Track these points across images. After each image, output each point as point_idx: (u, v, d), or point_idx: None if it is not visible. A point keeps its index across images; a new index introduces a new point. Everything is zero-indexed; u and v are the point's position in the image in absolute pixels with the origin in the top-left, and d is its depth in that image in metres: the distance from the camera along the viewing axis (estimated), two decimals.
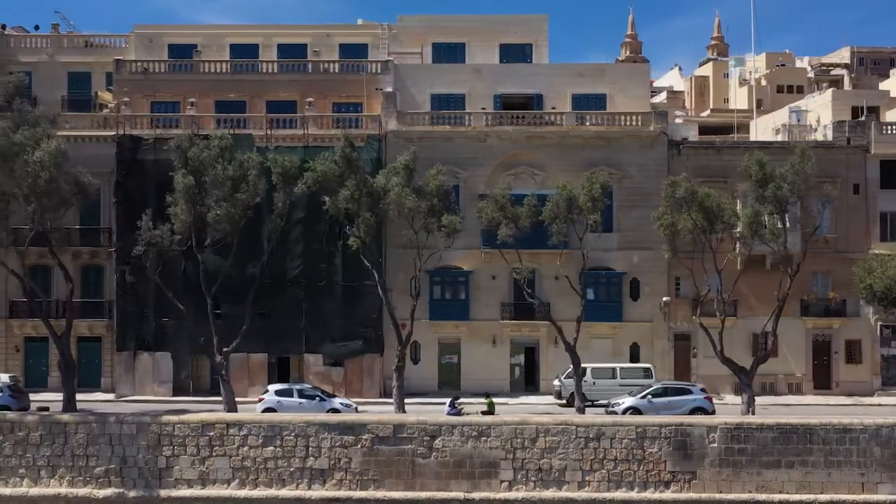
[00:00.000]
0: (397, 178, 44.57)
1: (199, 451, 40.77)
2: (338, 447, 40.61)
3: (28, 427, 41.16)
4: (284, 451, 40.65)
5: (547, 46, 60.34)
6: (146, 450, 40.83)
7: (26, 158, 41.78)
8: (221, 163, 44.37)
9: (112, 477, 40.71)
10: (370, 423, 41.00)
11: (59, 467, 40.84)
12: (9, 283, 54.87)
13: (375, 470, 40.47)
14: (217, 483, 40.59)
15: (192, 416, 41.71)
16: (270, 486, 40.51)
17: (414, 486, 40.36)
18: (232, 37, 60.74)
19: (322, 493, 40.32)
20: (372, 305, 53.27)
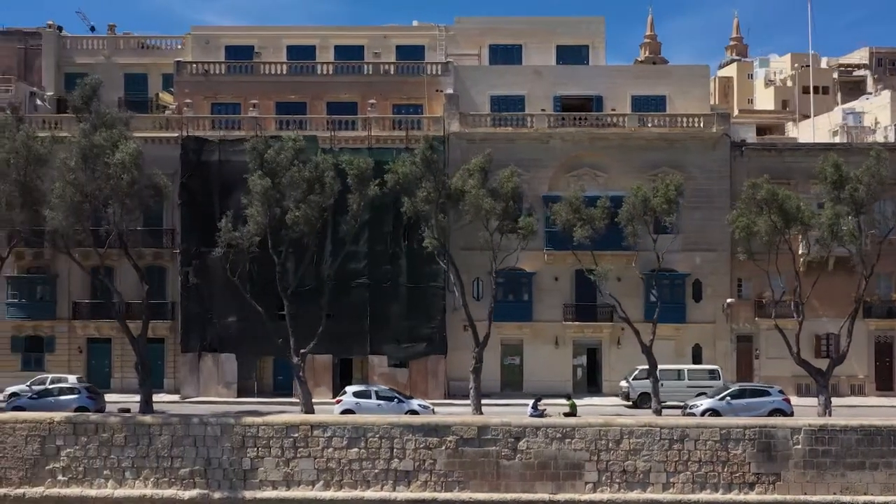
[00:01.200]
0: (473, 180, 44.62)
1: (283, 453, 40.86)
2: (422, 449, 40.69)
3: (112, 428, 41.26)
4: (369, 452, 40.74)
5: (603, 48, 60.45)
6: (230, 451, 40.91)
7: (107, 160, 41.83)
8: (297, 164, 44.43)
9: (197, 478, 40.80)
10: (454, 424, 41.07)
11: (144, 468, 40.93)
12: (71, 285, 55.23)
13: (460, 471, 40.55)
14: (302, 484, 40.69)
15: (277, 418, 41.81)
16: (355, 488, 40.59)
17: (499, 487, 40.45)
18: (289, 38, 60.81)
19: (407, 495, 40.39)
20: (436, 307, 53.49)
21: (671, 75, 58.41)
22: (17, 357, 54.83)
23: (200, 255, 53.32)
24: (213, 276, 53.26)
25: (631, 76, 58.02)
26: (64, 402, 44.48)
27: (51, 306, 54.69)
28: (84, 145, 41.54)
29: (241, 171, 52.32)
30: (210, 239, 52.79)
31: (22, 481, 40.85)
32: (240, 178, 52.17)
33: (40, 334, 54.97)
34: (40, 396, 45.07)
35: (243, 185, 52.05)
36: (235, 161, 53.05)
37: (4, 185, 41.83)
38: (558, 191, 53.70)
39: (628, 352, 54.08)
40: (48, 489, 40.79)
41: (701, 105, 56.95)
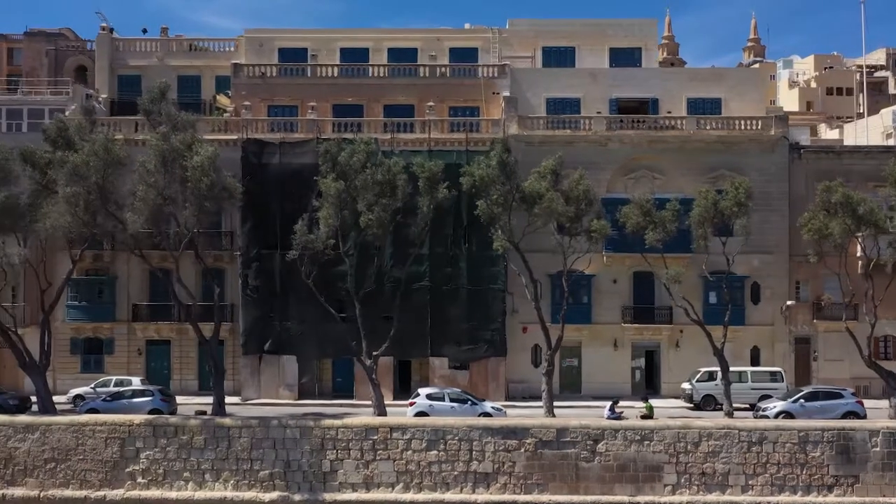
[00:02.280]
0: (545, 183, 44.75)
1: (362, 455, 41.02)
2: (501, 451, 40.82)
3: (192, 431, 41.39)
4: (448, 454, 40.86)
5: (656, 50, 60.56)
6: (310, 453, 41.05)
7: (184, 163, 41.95)
8: (370, 167, 44.56)
9: (276, 480, 40.93)
10: (533, 426, 41.21)
11: (224, 471, 41.06)
12: (130, 287, 55.34)
13: (539, 474, 40.69)
14: (381, 487, 40.82)
15: (356, 420, 41.95)
16: (434, 490, 40.71)
17: (578, 489, 40.59)
18: (342, 41, 60.92)
19: (487, 497, 40.51)
20: (496, 309, 53.60)
21: (726, 78, 58.55)
22: (77, 359, 54.91)
23: (261, 258, 53.52)
24: (273, 279, 53.50)
25: (686, 79, 58.18)
26: (137, 404, 44.68)
27: (110, 308, 54.82)
28: (162, 148, 41.57)
29: (302, 174, 52.81)
30: (271, 241, 53.35)
31: (102, 484, 40.99)
32: (300, 181, 52.66)
33: (100, 336, 55.07)
34: (114, 399, 45.17)
35: (304, 187, 52.46)
36: (296, 163, 53.34)
37: (83, 187, 41.82)
38: (615, 193, 53.86)
39: (687, 354, 54.39)
40: (128, 492, 40.92)
41: (756, 108, 57.08)
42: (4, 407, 44.29)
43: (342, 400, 52.74)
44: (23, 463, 41.15)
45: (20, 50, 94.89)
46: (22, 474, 41.09)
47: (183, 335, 55.06)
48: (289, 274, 53.01)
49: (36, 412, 44.87)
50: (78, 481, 40.99)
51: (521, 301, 54.78)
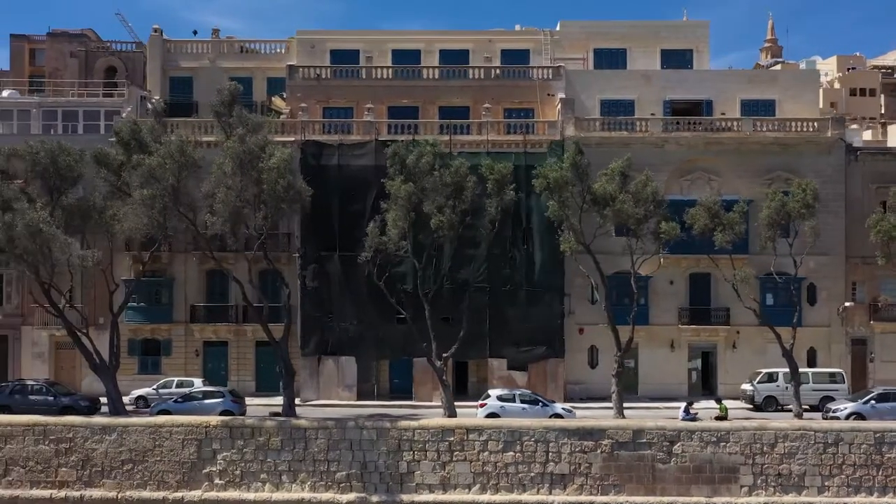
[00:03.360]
0: (614, 185, 44.89)
1: (439, 457, 41.15)
2: (577, 452, 40.98)
3: (268, 432, 41.52)
4: (524, 456, 41.02)
5: (708, 52, 60.72)
6: (386, 455, 41.19)
7: (261, 166, 42.09)
8: (439, 169, 44.69)
9: (353, 482, 41.09)
10: (609, 428, 41.36)
11: (300, 472, 41.21)
12: (188, 288, 55.41)
13: (616, 475, 40.84)
14: (458, 488, 40.98)
15: (432, 422, 42.09)
16: (511, 492, 40.87)
17: (654, 491, 40.75)
18: (394, 42, 60.95)
19: (564, 498, 40.67)
20: (554, 310, 53.68)
21: (780, 79, 58.80)
22: (135, 360, 54.98)
23: (319, 259, 53.64)
24: (331, 280, 53.63)
25: (740, 80, 58.29)
26: (209, 405, 44.84)
27: (168, 310, 54.90)
28: (238, 151, 41.70)
29: (360, 175, 53.07)
30: (329, 243, 53.49)
31: (179, 485, 41.13)
32: (359, 182, 52.91)
33: (157, 337, 55.16)
34: (185, 400, 45.30)
35: (362, 188, 52.85)
36: (354, 165, 53.49)
37: (158, 189, 41.97)
38: (671, 195, 53.79)
39: (743, 355, 54.60)
40: (206, 493, 41.06)
41: (810, 109, 57.23)
42: (76, 408, 44.44)
43: (401, 401, 52.82)
44: (100, 464, 41.29)
45: (42, 51, 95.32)
46: (99, 475, 41.23)
47: (240, 336, 55.25)
48: (347, 275, 53.39)
49: (105, 413, 45.05)
50: (155, 482, 41.12)
51: (577, 302, 55.10)
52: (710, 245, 48.13)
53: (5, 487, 41.11)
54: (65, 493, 41.04)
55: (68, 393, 46.43)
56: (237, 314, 54.92)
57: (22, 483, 41.14)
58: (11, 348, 55.09)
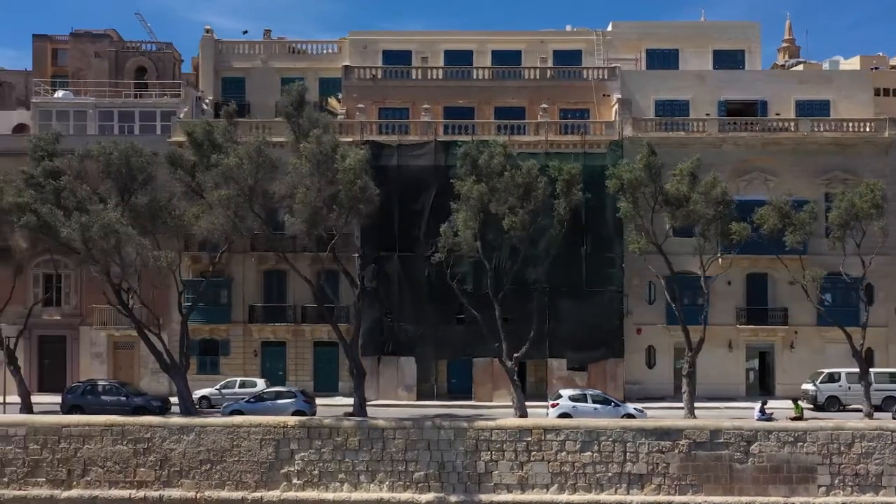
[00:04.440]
0: (684, 185, 45.00)
1: (516, 457, 41.26)
2: (655, 452, 41.07)
3: (346, 432, 41.63)
4: (602, 456, 41.12)
5: (759, 53, 60.91)
6: (464, 455, 41.31)
7: (336, 166, 42.20)
8: (510, 170, 44.79)
9: (431, 482, 41.16)
10: (686, 428, 41.46)
11: (379, 472, 41.33)
12: (246, 288, 55.49)
13: (693, 475, 40.96)
14: (536, 488, 41.08)
15: (509, 422, 42.22)
16: (589, 491, 40.98)
17: (732, 490, 40.87)
18: (446, 43, 61.17)
19: (642, 498, 40.78)
20: (613, 310, 53.73)
21: (834, 80, 58.99)
22: (193, 360, 54.63)
23: (378, 259, 53.72)
24: (390, 280, 53.73)
25: (795, 81, 58.55)
26: (281, 405, 44.92)
27: (227, 310, 54.94)
28: (316, 151, 41.79)
29: (419, 175, 53.27)
30: (388, 243, 53.58)
31: (258, 485, 41.24)
32: (418, 182, 53.05)
33: (216, 338, 55.20)
34: (257, 400, 45.40)
35: (422, 188, 53.02)
36: (413, 165, 53.60)
37: (235, 190, 42.07)
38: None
39: (801, 355, 54.69)
40: (284, 493, 41.17)
41: (864, 109, 57.37)
42: (149, 408, 44.59)
43: (460, 401, 52.87)
44: (178, 464, 41.39)
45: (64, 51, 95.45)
46: (178, 475, 41.34)
47: (298, 336, 55.34)
48: (406, 275, 53.51)
49: (175, 413, 45.17)
50: (234, 482, 41.24)
51: (634, 303, 55.18)
52: (768, 245, 48.32)
53: (84, 487, 41.25)
54: (143, 493, 41.15)
55: (139, 393, 46.55)
56: (295, 314, 55.00)
57: (101, 483, 41.27)
58: (70, 349, 55.16)
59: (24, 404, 45.72)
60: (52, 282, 54.49)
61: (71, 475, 41.36)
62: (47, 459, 41.47)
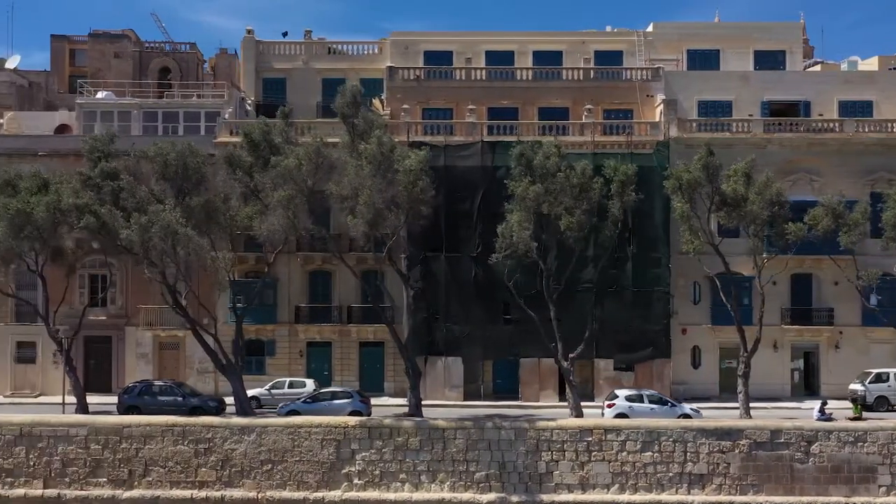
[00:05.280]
0: (740, 186, 45.12)
1: (577, 457, 41.36)
2: (716, 452, 41.17)
3: (407, 433, 41.70)
4: (663, 456, 41.21)
5: (801, 53, 60.96)
6: (525, 455, 41.41)
7: (397, 167, 42.31)
8: (565, 170, 44.91)
9: (492, 482, 41.26)
10: (747, 428, 41.56)
11: (439, 472, 41.40)
12: (291, 289, 55.55)
13: (754, 475, 41.05)
14: (597, 488, 41.16)
15: (570, 422, 42.35)
16: (650, 491, 41.07)
17: (793, 490, 40.98)
18: (487, 44, 61.23)
19: (703, 498, 40.88)
20: (660, 311, 53.77)
21: (878, 80, 59.10)
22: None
23: (425, 260, 53.77)
24: (436, 280, 53.79)
25: (838, 81, 58.71)
26: (337, 406, 45.02)
27: (272, 310, 54.99)
28: (377, 152, 41.89)
29: (465, 176, 53.33)
30: (435, 243, 53.61)
31: (319, 485, 41.35)
32: (464, 183, 53.13)
33: (262, 338, 55.19)
34: (314, 401, 45.51)
35: (468, 189, 53.10)
36: (460, 166, 53.64)
37: (294, 190, 42.17)
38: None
39: (846, 355, 54.75)
40: (345, 493, 41.29)
41: None
42: (205, 408, 44.69)
43: (507, 401, 52.92)
44: (239, 464, 41.50)
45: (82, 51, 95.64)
46: (239, 476, 41.45)
47: (344, 337, 55.40)
48: (452, 275, 53.58)
49: (231, 413, 45.28)
50: (295, 482, 41.35)
51: (679, 303, 55.21)
52: (813, 245, 48.47)
53: (146, 487, 41.35)
54: (205, 493, 41.25)
55: (195, 393, 46.63)
56: (341, 314, 55.08)
57: (162, 483, 41.35)
58: (115, 349, 55.22)
59: (80, 405, 45.87)
60: (98, 282, 54.58)
61: (132, 475, 41.46)
62: (108, 459, 41.57)
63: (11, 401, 52.71)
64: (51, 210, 43.11)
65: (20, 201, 43.51)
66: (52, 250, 46.11)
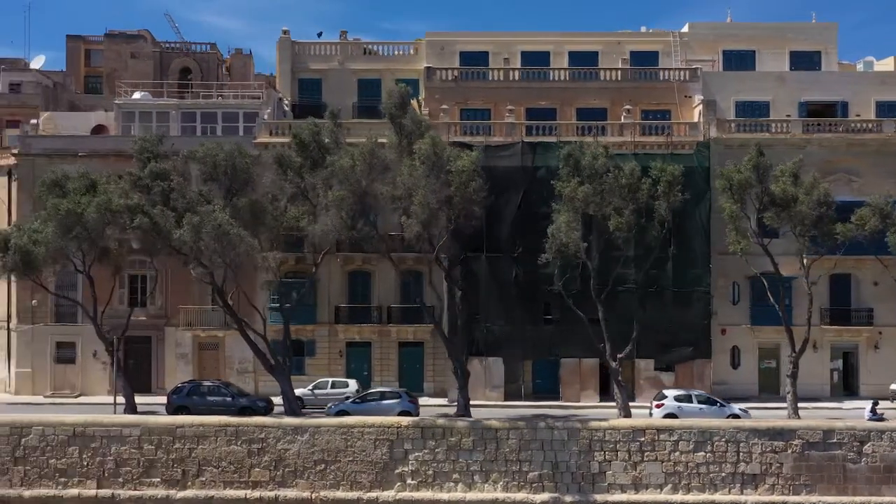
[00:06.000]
0: (790, 186, 45.22)
1: (630, 457, 41.40)
2: (768, 452, 41.24)
3: (460, 433, 41.76)
4: (716, 456, 41.26)
5: (836, 54, 61.01)
6: (577, 455, 41.46)
7: (449, 167, 42.38)
8: (614, 171, 45.01)
9: (545, 482, 41.32)
10: (799, 428, 41.62)
11: (493, 472, 41.47)
12: (331, 289, 55.60)
13: (807, 475, 41.14)
14: (650, 488, 41.22)
15: (623, 422, 42.41)
16: (703, 491, 41.12)
17: (846, 490, 41.07)
18: (522, 44, 61.28)
19: (756, 498, 40.98)
20: (700, 311, 53.81)
21: None
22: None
23: (465, 260, 53.78)
24: (478, 280, 53.82)
25: (875, 82, 58.89)
26: (386, 406, 45.08)
27: (312, 310, 55.00)
28: (430, 153, 41.97)
29: (505, 176, 53.29)
30: (475, 243, 53.60)
31: (372, 485, 41.40)
32: (504, 183, 53.14)
33: (301, 338, 55.06)
34: (363, 401, 45.57)
35: (508, 189, 53.11)
36: (500, 166, 53.61)
37: (348, 191, 42.25)
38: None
39: (886, 355, 54.85)
40: (399, 493, 41.34)
41: None
42: (254, 409, 44.76)
43: (546, 402, 52.99)
44: (293, 464, 41.55)
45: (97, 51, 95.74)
46: (292, 476, 41.49)
47: (384, 337, 55.45)
48: (493, 276, 53.62)
49: (279, 413, 45.34)
50: (348, 482, 41.41)
51: (719, 303, 55.24)
52: (860, 245, 48.56)
53: (199, 488, 41.41)
54: (259, 493, 41.31)
55: (243, 394, 46.68)
56: (381, 315, 55.14)
57: (216, 483, 41.40)
58: (155, 349, 55.24)
59: (129, 405, 45.97)
60: (138, 282, 54.67)
61: (186, 475, 41.52)
62: (162, 460, 41.62)
63: (52, 401, 52.76)
64: (101, 211, 43.14)
65: (70, 202, 43.53)
66: (100, 251, 46.11)
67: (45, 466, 41.55)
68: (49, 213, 44.08)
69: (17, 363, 55.33)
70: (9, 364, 55.80)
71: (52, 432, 41.79)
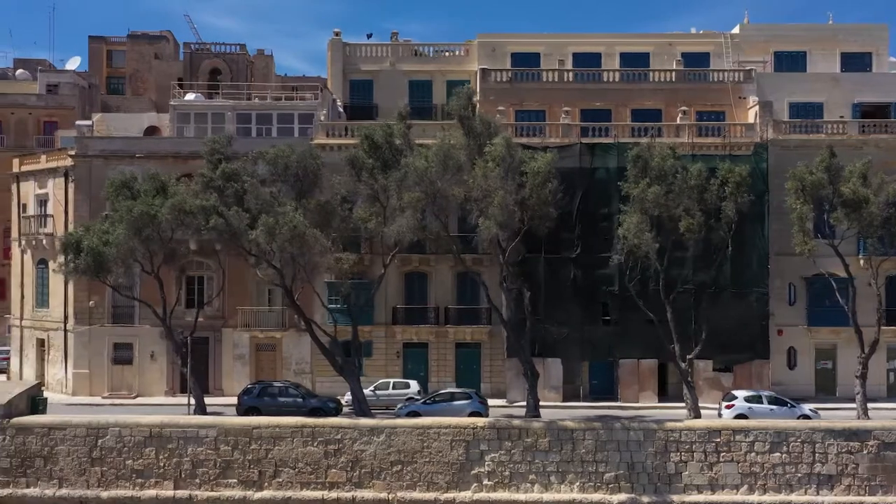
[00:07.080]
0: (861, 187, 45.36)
1: (706, 457, 41.51)
2: (844, 453, 41.33)
3: (536, 433, 41.87)
4: (791, 457, 41.36)
5: (887, 55, 61.04)
6: (653, 456, 41.55)
7: (524, 168, 42.51)
8: (683, 172, 45.14)
9: (622, 482, 41.42)
10: (875, 429, 41.71)
11: (569, 473, 41.58)
12: (388, 290, 55.63)
13: (883, 476, 41.25)
14: (726, 489, 41.31)
15: (699, 423, 42.55)
16: (779, 492, 41.22)
17: None
18: (574, 45, 61.46)
19: (832, 499, 41.08)
20: (758, 311, 53.87)
21: None
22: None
23: (524, 261, 53.83)
24: (535, 281, 53.87)
25: None
26: (457, 407, 45.20)
27: (369, 312, 54.92)
28: (506, 154, 42.10)
29: (564, 177, 52.87)
30: (533, 244, 53.66)
31: (449, 486, 41.49)
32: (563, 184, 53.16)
33: (359, 339, 55.23)
34: (434, 402, 45.68)
35: (567, 190, 52.96)
36: (558, 168, 53.41)
37: (423, 192, 42.38)
38: None
39: None
40: (475, 494, 41.46)
41: None
42: (325, 409, 44.86)
43: (604, 402, 53.09)
44: (369, 465, 41.65)
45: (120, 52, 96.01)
46: (369, 476, 41.60)
47: (441, 338, 55.52)
48: (552, 276, 53.72)
49: (349, 414, 45.46)
50: (425, 483, 41.51)
51: (775, 304, 55.31)
52: None
53: (276, 488, 41.51)
54: (336, 494, 41.43)
55: (312, 394, 46.79)
56: (437, 316, 55.24)
57: (293, 484, 41.50)
58: (212, 350, 55.31)
59: (199, 406, 46.06)
60: (195, 283, 54.77)
61: (262, 476, 41.62)
62: (238, 461, 41.72)
63: (111, 402, 52.87)
64: (175, 212, 43.26)
65: (143, 203, 43.65)
66: (168, 252, 46.24)
67: (122, 467, 41.67)
68: (121, 214, 44.14)
69: (74, 364, 55.45)
70: (66, 365, 55.93)
71: (129, 433, 41.90)
